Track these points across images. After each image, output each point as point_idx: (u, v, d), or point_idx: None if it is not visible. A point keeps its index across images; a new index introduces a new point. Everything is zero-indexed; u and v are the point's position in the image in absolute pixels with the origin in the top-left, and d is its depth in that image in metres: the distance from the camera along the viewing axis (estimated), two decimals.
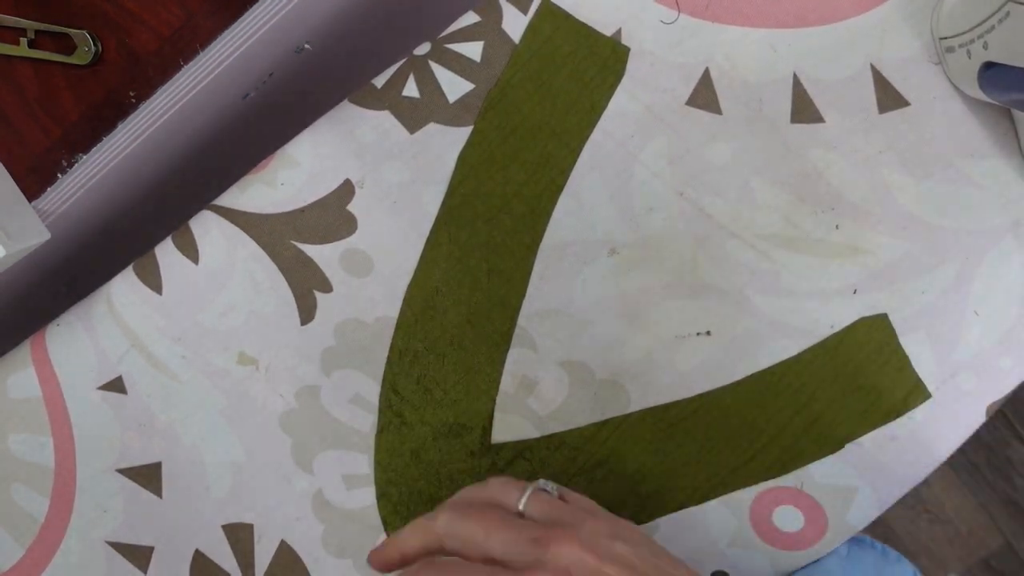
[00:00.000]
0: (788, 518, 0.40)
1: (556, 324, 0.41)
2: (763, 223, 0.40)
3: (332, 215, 0.41)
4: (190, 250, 0.42)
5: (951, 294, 0.40)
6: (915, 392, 0.40)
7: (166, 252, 0.42)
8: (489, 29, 0.41)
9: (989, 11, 0.34)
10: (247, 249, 0.42)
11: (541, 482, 0.32)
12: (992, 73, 0.35)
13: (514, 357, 0.41)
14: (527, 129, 0.41)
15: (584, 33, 0.41)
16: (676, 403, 0.40)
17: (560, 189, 0.41)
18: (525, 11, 0.41)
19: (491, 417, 0.41)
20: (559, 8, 0.41)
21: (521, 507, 0.30)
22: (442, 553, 0.30)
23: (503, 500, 0.30)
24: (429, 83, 0.41)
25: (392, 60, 0.41)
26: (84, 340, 0.42)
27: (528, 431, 0.41)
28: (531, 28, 0.41)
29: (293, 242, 0.42)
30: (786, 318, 0.40)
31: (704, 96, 0.40)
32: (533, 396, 0.41)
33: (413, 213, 0.41)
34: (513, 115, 0.41)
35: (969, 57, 0.36)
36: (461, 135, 0.41)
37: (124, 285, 0.42)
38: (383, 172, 0.41)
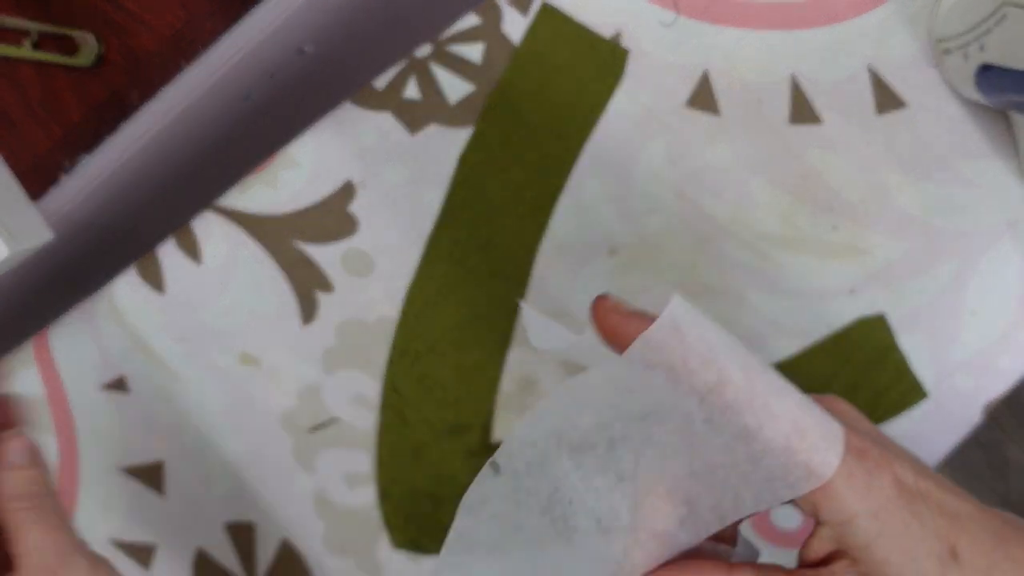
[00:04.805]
0: (787, 516, 0.40)
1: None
2: (762, 223, 0.40)
3: (333, 216, 0.42)
4: (192, 250, 0.42)
5: (949, 294, 0.40)
6: (912, 392, 0.40)
7: (168, 252, 0.42)
8: (489, 31, 0.41)
9: (985, 13, 0.34)
10: (249, 249, 0.42)
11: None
12: (988, 75, 0.35)
13: (515, 357, 0.41)
14: (527, 130, 0.41)
15: (583, 35, 0.41)
16: None
17: (560, 190, 0.41)
18: (525, 13, 0.41)
19: (492, 416, 0.41)
20: (559, 10, 0.41)
21: None
22: None
23: None
24: (430, 85, 0.41)
25: (393, 62, 0.42)
26: (87, 340, 0.43)
27: None
28: (531, 30, 0.41)
29: (295, 242, 0.42)
30: (784, 318, 0.40)
31: (703, 97, 0.41)
32: (533, 396, 0.41)
33: (414, 214, 0.42)
34: (513, 116, 0.41)
35: (966, 59, 0.37)
36: (462, 136, 0.41)
37: (126, 285, 0.42)
38: (384, 173, 0.42)
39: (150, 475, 0.43)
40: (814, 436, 0.21)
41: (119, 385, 0.43)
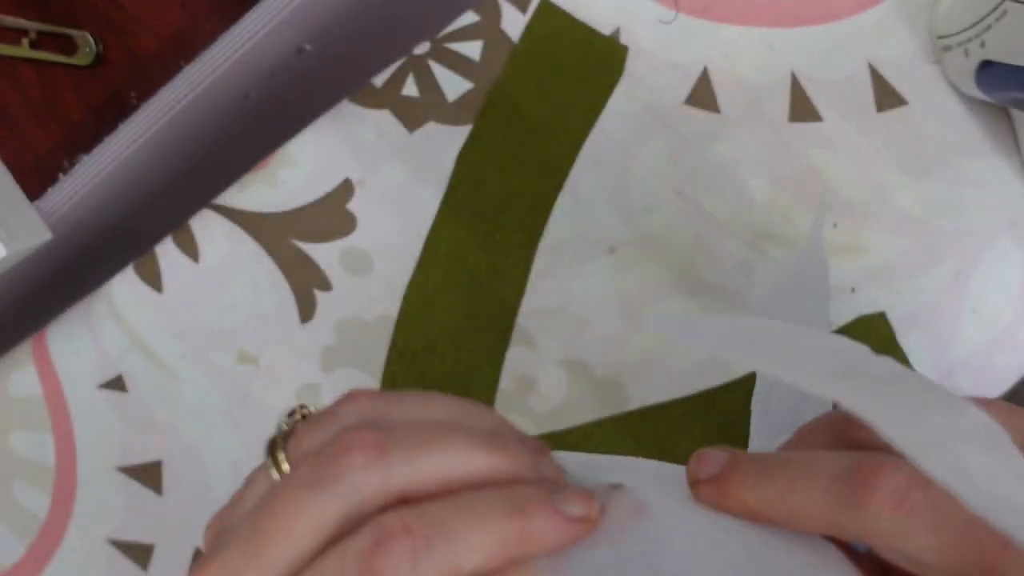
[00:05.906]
0: None
1: (555, 323, 0.41)
2: (761, 222, 0.40)
3: (332, 214, 0.42)
4: (190, 249, 0.42)
5: (949, 293, 0.40)
6: None
7: (167, 251, 0.42)
8: (488, 28, 0.41)
9: (986, 10, 0.34)
10: (247, 248, 0.42)
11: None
12: (989, 72, 0.35)
13: (513, 356, 0.41)
14: (526, 128, 0.41)
15: (583, 32, 0.41)
16: (675, 401, 0.40)
17: (559, 188, 0.41)
18: (524, 10, 0.41)
19: None
20: (557, 8, 0.41)
21: None
22: None
23: None
24: (428, 82, 0.41)
25: (391, 59, 0.42)
26: (85, 339, 0.42)
27: (527, 429, 0.41)
28: (530, 27, 0.41)
29: (293, 241, 0.42)
30: (784, 317, 0.40)
31: (703, 95, 0.40)
32: (532, 395, 0.41)
33: (412, 212, 0.41)
34: (512, 114, 0.41)
35: (966, 56, 0.36)
36: (460, 134, 0.41)
37: (125, 284, 0.42)
38: (383, 171, 0.42)
39: (148, 474, 0.43)
40: None
41: (117, 384, 0.43)
